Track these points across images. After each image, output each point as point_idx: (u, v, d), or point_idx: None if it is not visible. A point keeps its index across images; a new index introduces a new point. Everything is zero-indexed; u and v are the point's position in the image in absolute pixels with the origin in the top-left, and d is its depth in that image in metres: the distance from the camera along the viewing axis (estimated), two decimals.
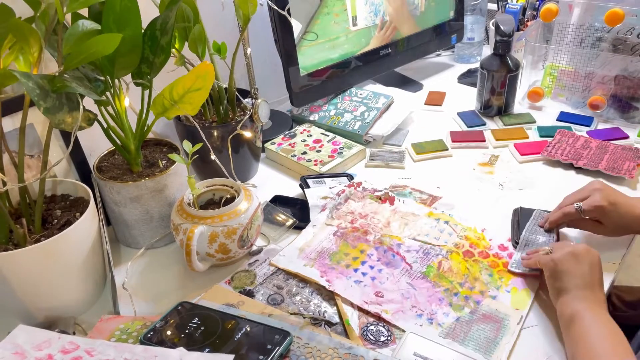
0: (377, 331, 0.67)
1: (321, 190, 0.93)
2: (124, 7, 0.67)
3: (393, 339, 0.66)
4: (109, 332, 0.65)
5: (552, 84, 1.21)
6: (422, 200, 0.92)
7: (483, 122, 1.16)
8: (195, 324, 0.65)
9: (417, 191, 0.95)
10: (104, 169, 0.82)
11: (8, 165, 0.72)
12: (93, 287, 0.75)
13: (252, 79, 1.07)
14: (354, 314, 0.70)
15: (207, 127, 0.91)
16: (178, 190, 0.83)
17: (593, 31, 1.11)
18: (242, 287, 0.75)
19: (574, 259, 0.68)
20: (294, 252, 0.81)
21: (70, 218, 0.72)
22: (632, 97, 1.10)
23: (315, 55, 1.10)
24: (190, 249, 0.71)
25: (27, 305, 0.68)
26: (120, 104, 0.77)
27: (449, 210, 0.89)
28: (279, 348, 0.61)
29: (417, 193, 0.94)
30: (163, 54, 0.75)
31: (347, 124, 1.11)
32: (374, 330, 0.67)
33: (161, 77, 0.78)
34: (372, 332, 0.67)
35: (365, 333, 0.67)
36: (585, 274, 0.67)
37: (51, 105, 0.61)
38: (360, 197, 0.91)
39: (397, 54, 1.28)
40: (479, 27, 1.43)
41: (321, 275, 0.75)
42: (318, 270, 0.76)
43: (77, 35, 0.63)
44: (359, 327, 0.68)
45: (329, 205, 0.89)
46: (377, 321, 0.69)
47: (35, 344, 0.57)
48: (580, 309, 0.63)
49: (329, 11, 1.10)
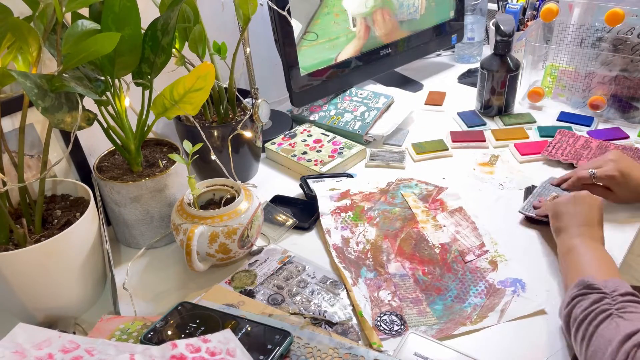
0: (391, 321, 0.68)
1: (327, 184, 0.94)
2: (124, 6, 0.67)
3: (406, 328, 0.67)
4: (109, 332, 0.65)
5: (553, 84, 1.21)
6: (429, 192, 0.93)
7: (483, 122, 1.16)
8: (196, 324, 0.65)
9: (423, 182, 0.96)
10: (104, 169, 0.82)
11: (8, 165, 0.72)
12: (93, 287, 0.75)
13: (252, 79, 1.07)
14: (367, 304, 0.70)
15: (207, 127, 0.91)
16: (178, 190, 0.83)
17: (593, 31, 1.11)
18: (242, 287, 0.75)
19: (574, 201, 0.75)
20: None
21: (71, 218, 0.72)
22: (633, 97, 1.10)
23: (315, 55, 1.10)
24: (190, 249, 0.71)
25: (27, 305, 0.68)
26: (121, 104, 0.77)
27: (454, 200, 0.90)
28: (279, 348, 0.61)
29: (422, 185, 0.96)
30: (164, 54, 0.75)
31: (347, 124, 1.11)
32: (387, 320, 0.68)
33: (161, 77, 0.78)
34: (386, 322, 0.68)
35: (379, 323, 0.68)
36: (584, 213, 0.73)
37: (50, 104, 0.61)
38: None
39: (397, 54, 1.28)
40: (479, 27, 1.43)
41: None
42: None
43: (77, 34, 0.63)
44: (372, 318, 0.68)
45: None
46: (390, 311, 0.69)
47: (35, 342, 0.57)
48: (577, 243, 0.70)
49: (329, 11, 1.10)
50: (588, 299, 0.60)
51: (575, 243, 0.70)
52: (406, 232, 0.84)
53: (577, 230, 0.72)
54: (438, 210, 0.89)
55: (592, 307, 0.58)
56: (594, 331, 0.56)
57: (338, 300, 0.72)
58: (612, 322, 0.56)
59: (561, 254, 0.72)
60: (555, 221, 0.76)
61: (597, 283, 0.61)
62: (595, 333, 0.56)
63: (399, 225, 0.85)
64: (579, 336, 0.58)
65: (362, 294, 0.72)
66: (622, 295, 0.58)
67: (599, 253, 0.68)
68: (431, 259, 0.79)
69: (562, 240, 0.73)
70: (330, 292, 0.74)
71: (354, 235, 0.84)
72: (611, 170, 0.81)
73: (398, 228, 0.85)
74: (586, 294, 0.60)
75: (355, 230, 0.85)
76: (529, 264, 0.77)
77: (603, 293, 0.59)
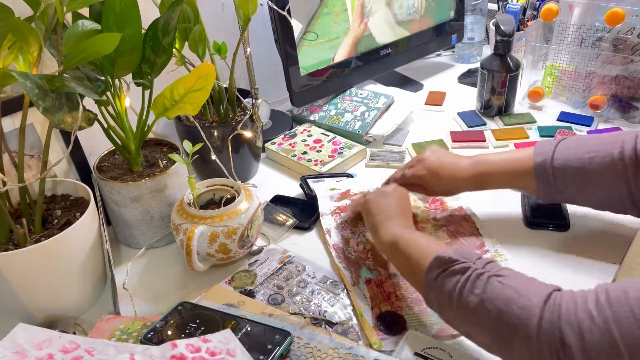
0: (391, 321, 0.68)
1: (327, 184, 0.94)
2: (124, 7, 0.67)
3: (406, 328, 0.67)
4: (109, 332, 0.65)
5: (553, 83, 1.21)
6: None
7: (483, 122, 1.16)
8: (196, 324, 0.65)
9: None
10: (104, 169, 0.82)
11: (8, 165, 0.72)
12: (93, 287, 0.75)
13: (252, 79, 1.07)
14: (367, 305, 0.70)
15: (207, 127, 0.91)
16: (178, 190, 0.83)
17: (593, 31, 1.11)
18: (242, 287, 0.75)
19: (383, 195, 0.77)
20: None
21: (71, 218, 0.72)
22: (633, 97, 1.10)
23: (315, 55, 1.10)
24: (190, 249, 0.71)
25: (27, 305, 0.68)
26: (121, 104, 0.77)
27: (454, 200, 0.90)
28: (279, 348, 0.61)
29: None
30: (165, 54, 0.75)
31: (347, 124, 1.11)
32: (388, 320, 0.68)
33: (161, 77, 0.78)
34: (386, 322, 0.68)
35: (379, 324, 0.68)
36: (394, 206, 0.74)
37: (50, 105, 0.61)
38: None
39: (397, 54, 1.28)
40: (479, 27, 1.43)
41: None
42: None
43: (77, 35, 0.63)
44: (372, 318, 0.69)
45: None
46: (390, 311, 0.69)
47: (35, 343, 0.57)
48: (397, 232, 0.69)
49: (329, 11, 1.10)
50: (453, 271, 0.57)
51: (396, 233, 0.69)
52: None
53: (393, 222, 0.71)
54: (438, 210, 0.89)
55: (464, 276, 0.56)
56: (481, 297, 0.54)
57: (338, 300, 0.72)
58: (496, 284, 0.54)
59: (386, 248, 0.70)
60: (370, 218, 0.75)
61: (452, 255, 0.58)
62: (484, 298, 0.53)
63: None
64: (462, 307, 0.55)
65: (362, 294, 0.72)
66: (485, 261, 0.57)
67: (426, 237, 0.68)
68: None
69: (383, 235, 0.71)
70: (330, 292, 0.74)
71: (354, 235, 0.84)
72: (420, 170, 0.81)
73: None
74: (448, 268, 0.58)
75: (356, 230, 0.85)
76: (529, 263, 0.77)
77: (464, 262, 0.57)
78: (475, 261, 0.57)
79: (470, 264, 0.57)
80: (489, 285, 0.54)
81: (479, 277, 0.55)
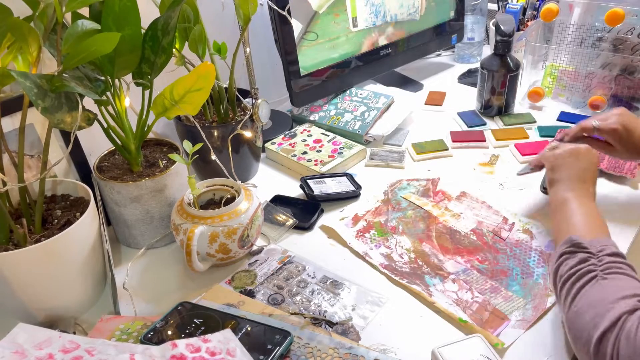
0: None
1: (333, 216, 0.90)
2: (124, 6, 0.67)
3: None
4: (109, 332, 0.65)
5: (553, 84, 1.21)
6: (424, 187, 0.94)
7: (483, 122, 1.16)
8: (196, 324, 0.65)
9: (413, 180, 0.97)
10: (104, 169, 0.82)
11: (8, 165, 0.72)
12: (93, 287, 0.75)
13: (252, 79, 1.07)
14: (458, 309, 0.70)
15: (207, 127, 0.91)
16: (178, 190, 0.83)
17: (593, 31, 1.11)
18: (242, 287, 0.75)
19: (574, 155, 0.76)
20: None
21: (71, 218, 0.72)
22: (633, 97, 1.10)
23: (315, 55, 1.10)
24: (190, 249, 0.71)
25: (27, 305, 0.68)
26: (121, 104, 0.77)
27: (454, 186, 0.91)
28: (279, 348, 0.61)
29: (414, 182, 0.96)
30: (164, 54, 0.75)
31: (347, 124, 1.11)
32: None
33: (161, 77, 0.78)
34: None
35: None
36: (581, 169, 0.74)
37: (50, 104, 0.61)
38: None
39: (397, 54, 1.28)
40: (479, 27, 1.43)
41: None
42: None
43: (77, 34, 0.63)
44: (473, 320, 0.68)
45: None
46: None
47: (35, 343, 0.57)
48: (569, 197, 0.70)
49: (330, 11, 1.10)
50: (575, 257, 0.61)
51: (568, 197, 0.71)
52: (434, 229, 0.84)
53: (572, 185, 0.73)
54: (445, 200, 0.89)
55: (578, 267, 0.59)
56: (577, 292, 0.58)
57: (338, 300, 0.72)
58: (596, 284, 0.57)
59: (554, 205, 0.73)
60: (552, 173, 0.77)
61: (584, 242, 0.62)
62: (579, 294, 0.57)
63: (423, 225, 0.85)
64: (563, 294, 0.60)
65: (445, 302, 0.70)
66: (609, 255, 0.59)
67: (590, 210, 0.69)
68: (475, 246, 0.80)
69: (556, 191, 0.73)
70: (330, 292, 0.74)
71: (391, 250, 0.81)
72: (614, 123, 0.79)
73: (424, 228, 0.85)
74: (573, 252, 0.62)
75: (390, 245, 0.82)
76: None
77: (589, 253, 0.60)
78: (600, 256, 0.59)
79: (592, 258, 0.59)
80: (587, 286, 0.57)
81: (589, 272, 0.58)
